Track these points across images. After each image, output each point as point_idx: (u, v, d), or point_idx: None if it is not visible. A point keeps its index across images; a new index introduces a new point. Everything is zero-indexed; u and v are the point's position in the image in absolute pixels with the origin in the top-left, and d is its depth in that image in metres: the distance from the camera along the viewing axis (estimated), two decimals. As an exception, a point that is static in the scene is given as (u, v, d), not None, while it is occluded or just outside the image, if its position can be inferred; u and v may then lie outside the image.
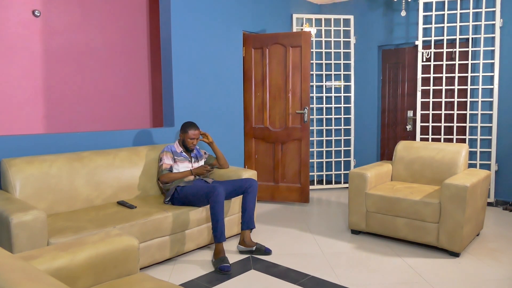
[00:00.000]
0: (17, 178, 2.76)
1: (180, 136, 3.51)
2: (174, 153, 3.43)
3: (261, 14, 4.99)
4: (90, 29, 4.21)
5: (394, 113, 5.47)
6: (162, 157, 3.38)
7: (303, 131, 4.70)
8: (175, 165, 3.39)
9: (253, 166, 4.86)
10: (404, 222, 3.33)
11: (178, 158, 3.43)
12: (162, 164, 3.36)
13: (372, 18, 5.43)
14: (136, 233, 2.75)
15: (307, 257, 3.16)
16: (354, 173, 3.64)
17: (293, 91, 4.71)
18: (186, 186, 3.22)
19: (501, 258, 3.10)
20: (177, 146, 3.51)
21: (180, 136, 3.51)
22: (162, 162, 3.37)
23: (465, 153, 3.70)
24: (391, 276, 2.80)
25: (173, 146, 3.49)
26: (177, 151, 3.47)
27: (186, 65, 4.11)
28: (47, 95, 3.94)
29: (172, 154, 3.42)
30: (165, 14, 4.01)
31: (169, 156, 3.40)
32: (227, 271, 2.86)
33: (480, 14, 4.58)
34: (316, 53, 5.62)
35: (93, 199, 3.14)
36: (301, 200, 4.76)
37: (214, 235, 3.03)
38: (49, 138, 3.19)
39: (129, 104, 4.60)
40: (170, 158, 3.40)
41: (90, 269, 1.69)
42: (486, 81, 4.63)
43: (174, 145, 3.51)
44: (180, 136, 3.51)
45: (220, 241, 3.01)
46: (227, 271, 2.86)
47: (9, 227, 2.22)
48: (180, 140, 3.53)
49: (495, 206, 4.61)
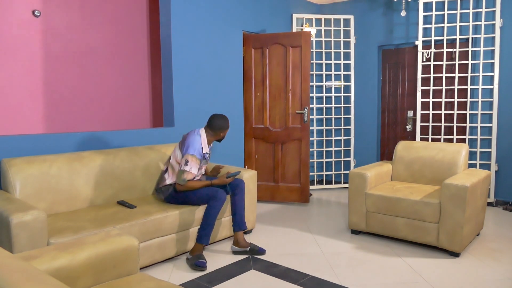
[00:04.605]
0: (17, 178, 2.76)
1: (215, 133, 3.15)
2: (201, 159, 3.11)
3: (261, 14, 4.99)
4: (90, 29, 4.21)
5: (394, 113, 5.47)
6: (189, 162, 3.00)
7: (303, 131, 4.70)
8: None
9: (253, 166, 4.86)
10: (404, 222, 3.33)
11: (202, 162, 3.13)
12: (189, 173, 3.00)
13: (372, 18, 5.43)
14: (136, 233, 2.75)
15: (307, 257, 3.16)
16: (354, 173, 3.64)
17: (293, 91, 4.71)
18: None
19: (501, 258, 3.10)
20: (204, 145, 3.13)
21: (215, 133, 3.15)
22: (189, 170, 3.00)
23: (465, 153, 3.70)
24: (391, 276, 2.80)
25: (200, 147, 3.09)
26: (202, 152, 3.12)
27: (186, 65, 4.11)
28: (47, 95, 3.94)
29: (200, 160, 3.08)
30: (165, 14, 4.01)
31: (197, 164, 3.05)
32: (203, 266, 2.90)
33: (480, 14, 4.57)
34: (316, 53, 5.62)
35: (93, 199, 3.13)
36: (301, 200, 4.76)
37: (200, 235, 3.01)
38: (49, 138, 3.19)
39: (129, 104, 4.60)
40: (197, 167, 3.05)
41: (90, 269, 1.69)
42: (486, 81, 4.63)
43: (202, 142, 3.11)
44: (215, 133, 3.15)
45: (203, 243, 3.00)
46: (203, 266, 2.90)
47: (9, 227, 2.22)
48: (211, 135, 3.16)
49: (495, 206, 4.60)
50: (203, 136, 3.16)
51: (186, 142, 3.10)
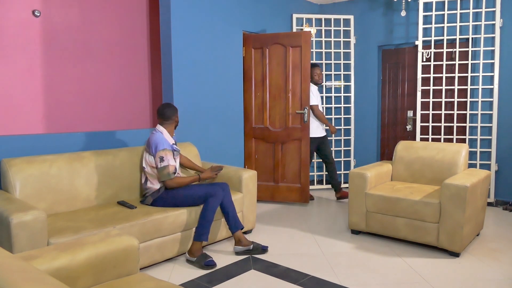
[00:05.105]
0: (17, 178, 2.76)
1: (171, 121, 3.16)
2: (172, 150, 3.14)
3: (261, 14, 4.98)
4: (90, 29, 4.21)
5: (394, 113, 5.47)
6: (164, 157, 3.03)
7: (303, 131, 4.70)
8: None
9: (253, 166, 4.86)
10: (404, 222, 3.33)
11: (174, 154, 3.15)
12: (168, 166, 3.02)
13: (372, 18, 5.43)
14: (136, 233, 2.75)
15: (307, 257, 3.16)
16: (354, 173, 3.64)
17: (293, 91, 4.71)
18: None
19: (501, 258, 3.10)
20: (168, 137, 3.15)
21: (171, 121, 3.16)
22: (167, 164, 3.02)
23: (465, 153, 3.70)
24: (391, 276, 2.80)
25: (165, 140, 3.10)
26: (170, 143, 3.13)
27: (186, 65, 4.11)
28: (47, 95, 3.94)
29: (172, 152, 3.13)
30: (165, 14, 4.01)
31: (171, 155, 3.08)
32: (213, 265, 2.92)
33: (480, 14, 4.57)
34: (316, 53, 5.62)
35: (93, 199, 3.14)
36: (301, 200, 4.76)
37: (200, 233, 3.01)
38: (49, 138, 3.19)
39: (129, 104, 4.60)
40: (172, 158, 3.08)
41: (90, 269, 1.69)
42: (486, 81, 4.63)
43: (165, 136, 3.13)
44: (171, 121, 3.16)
45: (203, 240, 3.01)
46: (214, 265, 2.92)
47: (9, 227, 2.22)
48: (169, 125, 3.17)
49: (495, 206, 4.60)
50: (163, 130, 3.18)
51: (152, 143, 3.09)
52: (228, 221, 3.21)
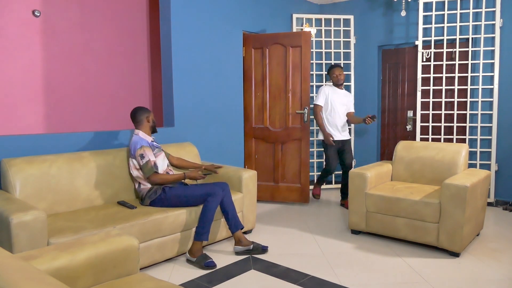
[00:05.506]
0: (17, 178, 2.76)
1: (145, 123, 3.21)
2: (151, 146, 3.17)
3: (261, 14, 4.98)
4: (90, 29, 4.21)
5: (394, 113, 5.47)
6: (144, 154, 3.07)
7: (303, 131, 4.70)
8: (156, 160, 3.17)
9: (253, 166, 4.86)
10: (404, 222, 3.33)
11: (154, 150, 3.18)
12: (148, 161, 3.07)
13: (372, 18, 5.43)
14: (136, 233, 2.75)
15: (307, 257, 3.16)
16: (354, 173, 3.64)
17: (293, 91, 4.71)
18: (174, 187, 3.15)
19: (501, 258, 3.10)
20: (145, 137, 3.19)
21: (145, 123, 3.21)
22: (147, 159, 3.07)
23: (465, 153, 3.70)
24: (391, 276, 2.80)
25: (142, 139, 3.16)
26: (148, 141, 3.19)
27: (186, 65, 4.11)
28: (47, 95, 3.94)
29: (150, 148, 3.15)
30: (165, 14, 4.01)
31: (150, 151, 3.13)
32: (214, 266, 2.93)
33: (480, 14, 4.57)
34: (316, 53, 5.62)
35: (93, 199, 3.13)
36: (301, 200, 4.76)
37: (200, 232, 3.02)
38: (49, 138, 3.19)
39: (129, 104, 4.59)
40: (152, 153, 3.13)
41: (90, 269, 1.69)
42: (486, 81, 4.63)
43: (142, 136, 3.18)
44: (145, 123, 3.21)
45: (203, 240, 3.02)
46: (214, 266, 2.93)
47: (9, 227, 2.22)
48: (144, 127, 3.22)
49: (495, 206, 4.60)
50: (138, 132, 3.22)
51: (131, 147, 3.16)
52: (228, 221, 3.22)
